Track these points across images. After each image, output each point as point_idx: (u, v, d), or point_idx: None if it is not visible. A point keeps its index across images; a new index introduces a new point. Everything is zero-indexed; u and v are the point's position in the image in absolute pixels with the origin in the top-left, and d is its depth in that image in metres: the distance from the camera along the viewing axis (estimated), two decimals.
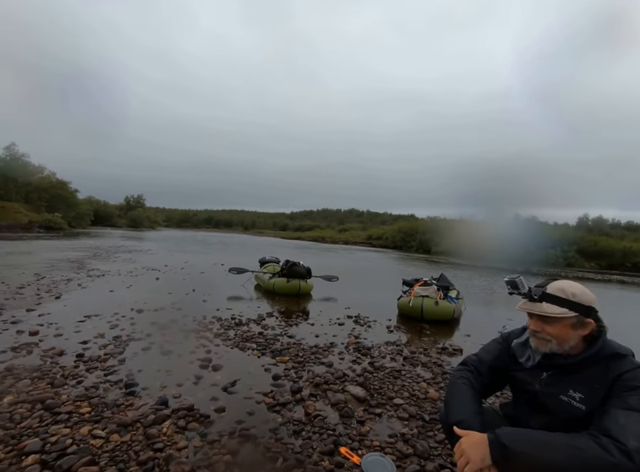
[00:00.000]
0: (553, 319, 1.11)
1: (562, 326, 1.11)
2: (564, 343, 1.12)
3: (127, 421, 1.92)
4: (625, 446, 0.89)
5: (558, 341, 1.13)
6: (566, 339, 1.12)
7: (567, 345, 1.12)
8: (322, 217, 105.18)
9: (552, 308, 1.11)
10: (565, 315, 1.09)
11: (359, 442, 1.91)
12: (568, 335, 1.11)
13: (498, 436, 0.99)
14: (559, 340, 1.12)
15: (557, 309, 1.10)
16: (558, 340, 1.13)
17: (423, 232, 30.88)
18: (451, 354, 3.55)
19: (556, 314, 1.10)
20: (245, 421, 2.04)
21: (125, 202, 63.45)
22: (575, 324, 1.11)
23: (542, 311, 1.13)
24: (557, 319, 1.11)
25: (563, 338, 1.12)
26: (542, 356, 1.20)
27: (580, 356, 1.11)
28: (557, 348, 1.14)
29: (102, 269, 7.66)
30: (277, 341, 3.54)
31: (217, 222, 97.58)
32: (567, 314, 1.09)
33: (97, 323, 3.72)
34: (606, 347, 1.10)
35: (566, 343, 1.12)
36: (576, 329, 1.11)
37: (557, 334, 1.12)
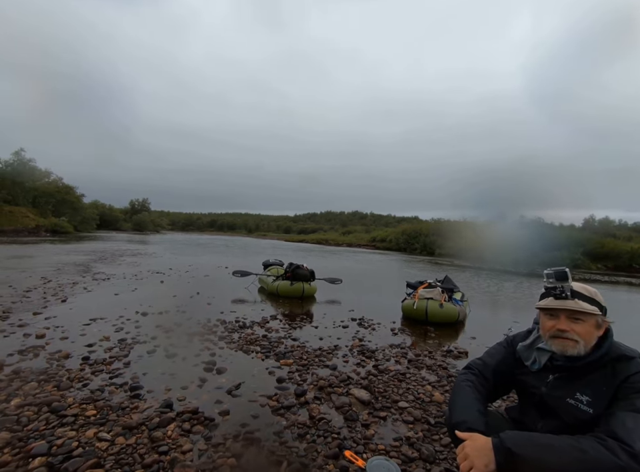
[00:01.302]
0: (582, 318, 1.10)
1: (589, 325, 1.10)
2: (588, 344, 1.10)
3: (132, 423, 1.93)
4: (632, 448, 0.88)
5: (585, 341, 1.10)
6: (590, 339, 1.10)
7: (589, 346, 1.10)
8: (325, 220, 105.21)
9: (584, 305, 1.10)
10: (595, 312, 1.09)
11: (363, 445, 1.90)
12: (592, 334, 1.10)
13: (502, 440, 0.98)
14: (586, 340, 1.10)
15: (588, 306, 1.09)
16: (585, 340, 1.10)
17: (427, 234, 30.76)
18: (456, 357, 3.52)
19: (589, 310, 1.08)
20: (249, 424, 2.04)
21: (130, 206, 64.06)
22: (597, 323, 1.10)
23: (579, 306, 1.09)
24: (586, 318, 1.10)
25: (588, 338, 1.10)
26: (548, 358, 1.18)
27: (588, 358, 1.10)
28: (584, 349, 1.10)
29: (107, 273, 7.72)
30: (281, 343, 3.54)
31: (220, 225, 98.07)
32: (596, 311, 1.09)
33: (103, 326, 3.75)
34: (613, 349, 1.09)
35: (589, 344, 1.10)
36: (597, 328, 1.11)
37: (584, 333, 1.10)
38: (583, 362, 1.10)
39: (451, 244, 28.03)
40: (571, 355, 1.11)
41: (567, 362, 1.14)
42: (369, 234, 43.13)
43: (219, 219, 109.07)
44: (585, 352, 1.10)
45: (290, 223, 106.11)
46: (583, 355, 1.11)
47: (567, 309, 1.11)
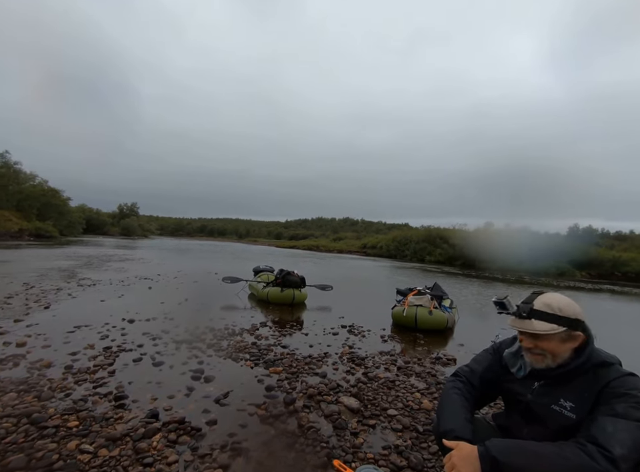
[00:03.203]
0: (542, 336, 1.12)
1: (553, 341, 1.12)
2: (557, 357, 1.13)
3: (116, 434, 1.88)
4: (610, 453, 0.90)
5: (552, 355, 1.13)
6: (558, 353, 1.12)
7: (560, 359, 1.13)
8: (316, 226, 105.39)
9: (541, 325, 1.11)
10: (555, 331, 1.10)
11: (352, 454, 1.89)
12: (560, 349, 1.12)
13: (488, 449, 0.99)
14: (553, 354, 1.13)
15: (546, 325, 1.10)
16: (552, 354, 1.13)
17: (417, 241, 31.06)
18: (445, 364, 3.55)
19: (545, 331, 1.10)
20: (237, 433, 2.01)
21: (118, 210, 62.97)
22: (564, 338, 1.11)
23: (532, 328, 1.13)
24: (547, 335, 1.11)
25: (556, 352, 1.12)
26: (527, 366, 1.21)
27: (569, 366, 1.12)
28: (552, 363, 1.14)
29: (93, 278, 7.55)
30: (271, 351, 3.51)
31: (210, 230, 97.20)
32: (556, 330, 1.09)
33: (87, 334, 3.66)
34: (594, 356, 1.12)
35: (559, 357, 1.13)
36: (566, 342, 1.11)
37: (550, 349, 1.12)
38: (565, 369, 1.13)
39: (441, 251, 28.38)
40: (549, 367, 1.14)
41: (549, 370, 1.16)
42: (359, 240, 43.30)
43: (209, 224, 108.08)
44: (555, 364, 1.13)
45: (281, 228, 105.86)
46: (563, 364, 1.13)
47: (522, 331, 1.15)
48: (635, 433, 0.94)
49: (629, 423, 0.95)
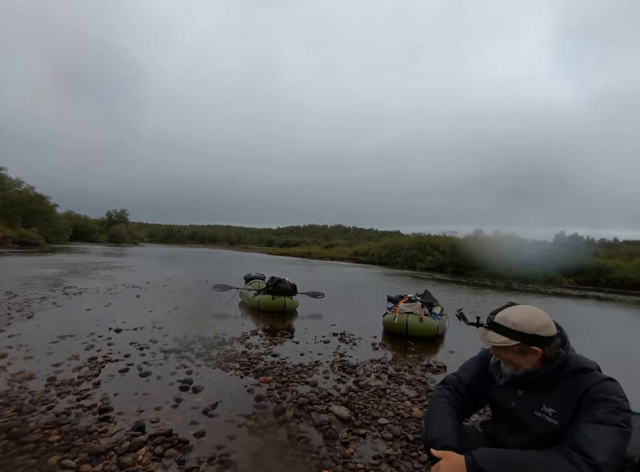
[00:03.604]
0: (501, 347, 1.16)
1: (511, 352, 1.16)
2: (518, 367, 1.17)
3: (100, 449, 1.83)
4: (593, 460, 0.92)
5: (513, 364, 1.18)
6: (517, 363, 1.17)
7: (521, 369, 1.17)
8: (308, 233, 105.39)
9: (495, 337, 1.16)
10: (507, 344, 1.13)
11: (342, 464, 1.87)
12: (518, 360, 1.16)
13: (475, 459, 1.00)
14: (513, 364, 1.18)
15: (500, 337, 1.15)
16: (512, 363, 1.18)
17: (408, 248, 31.29)
18: (435, 371, 3.56)
19: (498, 343, 1.15)
20: (225, 445, 1.97)
21: (107, 217, 61.99)
22: (520, 351, 1.14)
23: (487, 339, 1.18)
24: (503, 347, 1.16)
25: (515, 363, 1.17)
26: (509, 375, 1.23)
27: (540, 372, 1.16)
28: (514, 370, 1.19)
29: (79, 287, 7.38)
30: (261, 360, 3.47)
31: (201, 237, 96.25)
32: (508, 343, 1.13)
33: (72, 344, 3.56)
34: (571, 362, 1.14)
35: (519, 367, 1.17)
36: (524, 355, 1.14)
37: (509, 359, 1.18)
38: (538, 375, 1.16)
39: (432, 258, 28.63)
40: (513, 374, 1.19)
41: (526, 376, 1.19)
42: (351, 248, 43.42)
43: (200, 231, 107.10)
44: (518, 373, 1.18)
45: (273, 235, 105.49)
46: (533, 371, 1.17)
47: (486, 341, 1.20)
48: (616, 439, 0.96)
49: (609, 428, 0.97)
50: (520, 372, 1.18)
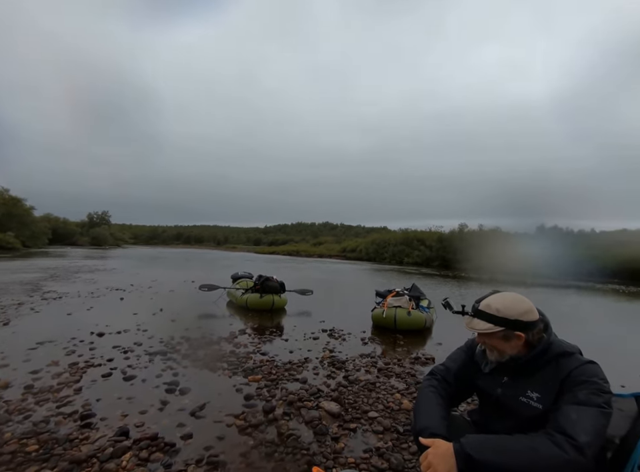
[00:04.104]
0: (486, 333, 1.18)
1: (495, 339, 1.18)
2: (502, 353, 1.19)
3: (81, 456, 1.76)
4: (576, 441, 0.94)
5: (497, 350, 1.20)
6: (502, 349, 1.19)
7: (506, 355, 1.19)
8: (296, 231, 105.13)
9: (480, 324, 1.18)
10: (491, 330, 1.15)
11: (333, 460, 1.86)
12: (502, 346, 1.18)
13: (463, 445, 1.01)
14: (498, 350, 1.20)
15: (484, 324, 1.17)
16: (497, 349, 1.20)
17: (395, 244, 31.60)
18: (424, 363, 3.59)
19: (483, 329, 1.17)
20: (213, 446, 1.93)
21: (88, 219, 60.17)
22: (505, 337, 1.17)
23: (472, 326, 1.21)
24: (488, 333, 1.18)
25: (500, 349, 1.19)
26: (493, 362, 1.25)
27: (524, 358, 1.18)
28: (499, 357, 1.21)
29: (59, 291, 7.13)
30: (250, 359, 3.43)
31: (187, 238, 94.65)
32: (492, 329, 1.15)
33: (51, 350, 3.43)
34: (554, 347, 1.16)
35: (504, 353, 1.19)
36: (508, 340, 1.17)
37: (494, 345, 1.20)
38: (521, 361, 1.18)
39: (418, 253, 29.02)
40: (498, 361, 1.22)
41: (510, 363, 1.21)
42: (339, 244, 43.52)
43: (186, 231, 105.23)
44: (503, 358, 1.20)
45: (260, 234, 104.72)
46: (517, 357, 1.19)
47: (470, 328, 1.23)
48: (598, 419, 0.98)
49: (590, 409, 1.00)
50: (505, 358, 1.20)
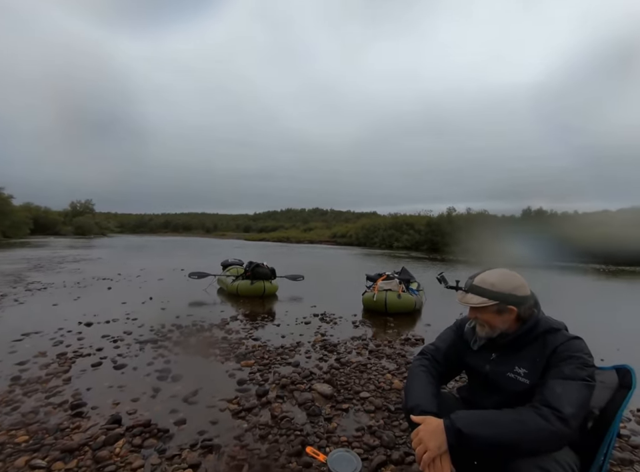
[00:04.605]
0: (480, 307, 1.21)
1: (488, 313, 1.21)
2: (494, 328, 1.22)
3: (73, 445, 1.75)
4: (561, 413, 0.97)
5: (489, 325, 1.22)
6: (494, 324, 1.21)
7: (497, 329, 1.22)
8: (286, 217, 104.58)
9: (474, 298, 1.21)
10: (485, 304, 1.18)
11: (326, 439, 1.90)
12: (495, 320, 1.21)
13: (453, 421, 1.03)
14: (489, 325, 1.22)
15: (478, 299, 1.20)
16: (489, 325, 1.22)
17: (385, 228, 31.84)
18: (414, 344, 3.67)
19: (477, 303, 1.19)
20: (207, 430, 1.94)
21: (71, 208, 58.44)
22: (497, 311, 1.19)
23: (466, 301, 1.23)
24: (482, 307, 1.20)
25: (492, 323, 1.22)
26: (482, 338, 1.28)
27: (513, 334, 1.21)
28: (490, 332, 1.23)
29: (44, 282, 6.96)
30: (242, 344, 3.44)
31: (175, 226, 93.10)
32: (486, 303, 1.18)
33: (37, 341, 3.36)
34: (541, 323, 1.19)
35: (496, 328, 1.22)
36: (501, 314, 1.20)
37: (486, 320, 1.22)
38: (511, 337, 1.21)
39: (408, 237, 29.34)
40: (488, 336, 1.24)
41: (499, 339, 1.24)
42: (329, 230, 43.64)
43: (174, 219, 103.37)
44: (494, 334, 1.23)
45: (250, 221, 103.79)
46: (506, 333, 1.22)
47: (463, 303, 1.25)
48: (582, 392, 1.02)
49: (575, 383, 1.03)
50: (495, 333, 1.22)
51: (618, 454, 1.82)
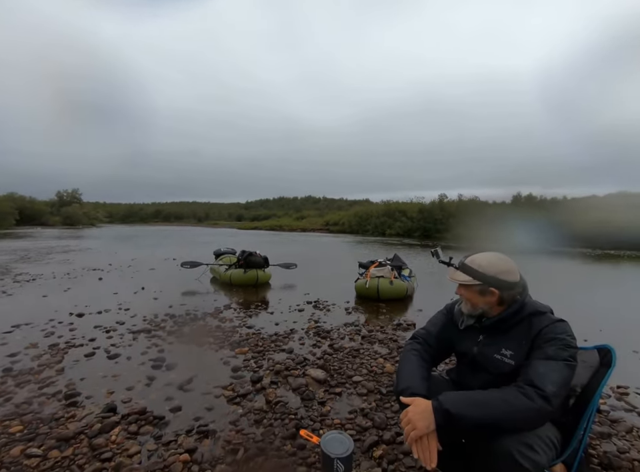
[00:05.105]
0: (466, 285, 1.27)
1: (472, 291, 1.26)
2: (475, 306, 1.28)
3: (69, 434, 1.76)
4: (544, 391, 1.01)
5: (471, 303, 1.29)
6: (475, 302, 1.27)
7: (478, 308, 1.27)
8: (278, 206, 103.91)
9: (461, 276, 1.27)
10: (470, 282, 1.24)
11: (320, 422, 1.95)
12: (477, 299, 1.26)
13: (441, 402, 1.06)
14: (471, 303, 1.28)
15: (464, 277, 1.26)
16: (471, 302, 1.29)
17: (377, 216, 31.92)
18: (405, 329, 3.74)
19: (462, 281, 1.26)
20: (203, 417, 1.98)
21: (57, 198, 57.02)
22: (480, 291, 1.24)
23: (455, 278, 1.29)
24: (467, 285, 1.26)
25: (473, 302, 1.28)
26: (470, 318, 1.32)
27: (498, 316, 1.25)
28: (472, 309, 1.29)
29: (32, 273, 6.85)
30: (236, 332, 3.46)
31: (166, 215, 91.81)
32: (471, 282, 1.24)
33: (28, 332, 3.34)
34: (527, 307, 1.23)
35: (477, 306, 1.27)
36: (483, 295, 1.25)
37: (468, 297, 1.28)
38: (495, 319, 1.25)
39: (400, 224, 29.50)
40: (470, 314, 1.31)
41: (486, 321, 1.28)
42: (322, 218, 43.55)
43: (164, 208, 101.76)
44: (476, 312, 1.29)
45: (242, 210, 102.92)
46: (491, 315, 1.27)
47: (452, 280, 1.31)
48: (563, 371, 1.06)
49: (557, 363, 1.07)
50: (477, 311, 1.28)
51: (597, 428, 1.91)
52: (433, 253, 1.54)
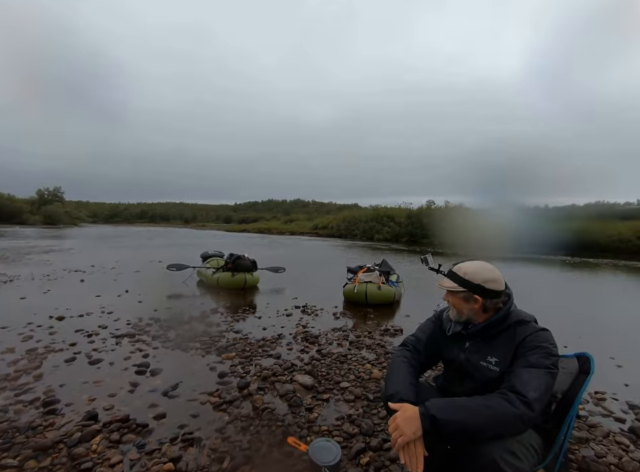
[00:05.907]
0: (452, 292, 1.32)
1: (457, 298, 1.32)
2: (460, 313, 1.33)
3: (47, 443, 1.70)
4: (526, 398, 1.05)
5: (457, 309, 1.33)
6: (460, 309, 1.32)
7: (463, 315, 1.32)
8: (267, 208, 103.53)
9: (448, 282, 1.32)
10: (455, 289, 1.29)
11: (307, 429, 1.94)
12: (461, 306, 1.31)
13: (427, 408, 1.08)
14: (457, 309, 1.33)
15: (450, 283, 1.31)
16: (457, 309, 1.33)
17: (366, 220, 32.13)
18: (393, 334, 3.78)
19: (447, 287, 1.31)
20: (188, 424, 1.94)
21: (38, 196, 55.21)
22: (465, 298, 1.29)
23: (442, 284, 1.34)
24: (453, 292, 1.31)
25: (458, 308, 1.33)
26: (457, 325, 1.36)
27: (483, 324, 1.29)
28: (457, 316, 1.34)
29: (9, 274, 6.61)
30: (223, 337, 3.42)
31: (152, 216, 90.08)
32: (456, 288, 1.29)
33: (4, 336, 3.21)
34: (512, 315, 1.27)
35: (462, 313, 1.32)
36: (467, 302, 1.30)
37: (454, 303, 1.34)
38: (480, 327, 1.29)
39: (388, 229, 29.78)
40: (456, 320, 1.35)
41: (472, 328, 1.32)
42: (311, 222, 43.53)
43: (150, 209, 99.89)
44: (462, 319, 1.33)
45: (230, 212, 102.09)
46: (477, 322, 1.31)
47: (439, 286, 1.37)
48: (545, 378, 1.10)
49: (539, 370, 1.11)
50: (462, 318, 1.33)
51: (576, 433, 1.97)
52: (423, 260, 1.59)
